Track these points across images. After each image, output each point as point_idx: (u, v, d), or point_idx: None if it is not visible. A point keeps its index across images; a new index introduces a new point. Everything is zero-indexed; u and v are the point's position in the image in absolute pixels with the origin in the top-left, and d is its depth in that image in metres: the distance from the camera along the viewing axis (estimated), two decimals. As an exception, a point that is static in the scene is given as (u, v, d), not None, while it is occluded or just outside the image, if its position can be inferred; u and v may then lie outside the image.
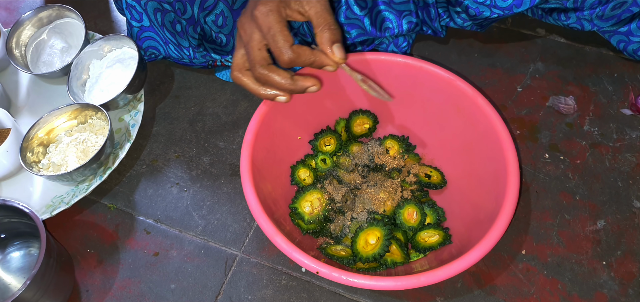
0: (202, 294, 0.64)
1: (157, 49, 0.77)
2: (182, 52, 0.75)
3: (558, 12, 0.76)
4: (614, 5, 0.70)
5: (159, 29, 0.74)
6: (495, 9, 0.70)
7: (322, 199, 0.66)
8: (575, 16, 0.74)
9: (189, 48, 0.74)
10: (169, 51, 0.76)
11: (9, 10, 1.01)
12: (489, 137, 0.62)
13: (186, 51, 0.74)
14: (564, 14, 0.76)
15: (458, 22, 0.75)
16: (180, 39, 0.73)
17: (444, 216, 0.66)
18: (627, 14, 0.71)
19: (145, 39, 0.76)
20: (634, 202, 0.68)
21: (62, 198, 0.70)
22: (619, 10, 0.71)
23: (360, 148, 0.72)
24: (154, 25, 0.74)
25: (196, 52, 0.74)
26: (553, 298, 0.62)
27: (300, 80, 0.59)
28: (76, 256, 0.68)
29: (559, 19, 0.77)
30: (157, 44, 0.76)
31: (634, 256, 0.64)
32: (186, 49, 0.74)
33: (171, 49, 0.75)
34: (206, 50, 0.74)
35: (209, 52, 0.75)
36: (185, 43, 0.73)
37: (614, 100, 0.78)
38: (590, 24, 0.75)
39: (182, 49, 0.74)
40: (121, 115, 0.78)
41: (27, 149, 0.72)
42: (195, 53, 0.74)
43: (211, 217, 0.70)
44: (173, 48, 0.75)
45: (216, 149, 0.77)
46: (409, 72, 0.68)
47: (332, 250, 0.63)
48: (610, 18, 0.73)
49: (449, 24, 0.76)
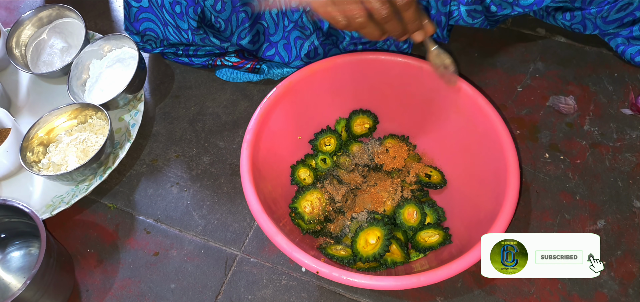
0: (202, 294, 0.64)
1: (154, 32, 0.76)
2: (180, 35, 0.74)
3: (563, 11, 0.76)
4: (620, 6, 0.71)
5: (158, 9, 0.73)
6: (517, 7, 0.71)
7: (322, 198, 0.66)
8: (580, 14, 0.74)
9: (188, 30, 0.73)
10: (167, 33, 0.75)
11: (9, 10, 1.01)
12: (489, 137, 0.62)
13: (185, 34, 0.74)
14: (569, 12, 0.76)
15: (468, 20, 0.75)
16: (179, 21, 0.72)
17: (444, 215, 0.66)
18: (629, 18, 0.72)
19: (143, 20, 0.75)
20: (634, 202, 0.68)
21: (62, 198, 0.70)
22: (623, 12, 0.71)
23: (360, 148, 0.72)
24: (153, 5, 0.73)
25: (195, 34, 0.73)
26: (553, 298, 0.62)
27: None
28: (76, 255, 0.68)
29: (564, 19, 0.77)
30: (155, 26, 0.76)
31: (634, 255, 0.64)
32: (185, 31, 0.73)
33: (169, 32, 0.75)
34: (205, 34, 0.74)
35: (209, 35, 0.74)
36: (185, 25, 0.72)
37: (614, 100, 0.78)
38: (592, 26, 0.75)
39: (181, 32, 0.74)
40: (121, 115, 0.78)
41: (27, 149, 0.72)
42: (194, 36, 0.73)
43: (211, 217, 0.70)
44: (172, 30, 0.74)
45: (216, 149, 0.77)
46: (409, 72, 0.68)
47: (332, 250, 0.63)
48: (613, 21, 0.73)
49: (458, 22, 0.77)
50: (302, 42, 0.75)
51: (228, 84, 0.84)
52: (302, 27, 0.74)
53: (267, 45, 0.76)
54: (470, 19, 0.74)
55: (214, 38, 0.74)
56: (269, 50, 0.77)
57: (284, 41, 0.76)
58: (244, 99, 0.82)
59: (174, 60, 0.83)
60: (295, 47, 0.75)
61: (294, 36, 0.75)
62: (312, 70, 0.68)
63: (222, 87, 0.84)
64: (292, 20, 0.74)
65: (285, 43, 0.76)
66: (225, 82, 0.84)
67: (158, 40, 0.79)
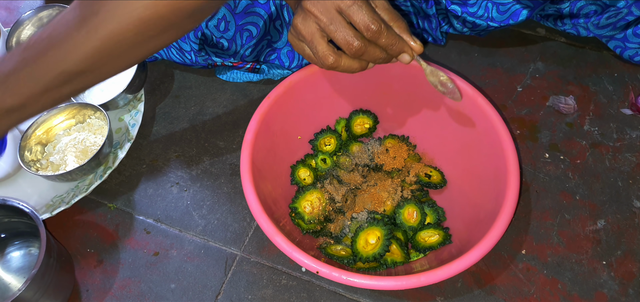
0: (202, 294, 0.64)
1: (158, 53, 0.77)
2: (183, 56, 0.75)
3: (554, 18, 0.77)
4: (609, 15, 0.71)
5: None
6: (492, 22, 0.71)
7: (322, 198, 0.66)
8: (570, 23, 0.75)
9: (191, 52, 0.74)
10: (171, 55, 0.76)
11: (9, 10, 1.01)
12: (489, 137, 0.62)
13: (188, 55, 0.74)
14: (559, 20, 0.76)
15: (457, 28, 0.75)
16: (181, 43, 0.73)
17: (444, 215, 0.66)
18: (622, 23, 0.72)
19: None
20: (634, 202, 0.68)
21: (62, 198, 0.70)
22: (614, 19, 0.72)
23: (360, 148, 0.72)
24: None
25: (198, 56, 0.74)
26: (553, 298, 0.62)
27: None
28: (76, 255, 0.68)
29: (556, 25, 0.77)
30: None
31: (634, 255, 0.64)
32: (188, 52, 0.74)
33: (173, 53, 0.75)
34: (208, 55, 0.74)
35: (211, 55, 0.75)
36: (187, 47, 0.73)
37: (614, 100, 0.78)
38: (586, 31, 0.75)
39: (184, 53, 0.74)
40: (121, 115, 0.78)
41: (25, 148, 0.72)
42: (197, 57, 0.74)
43: (211, 216, 0.70)
44: (175, 52, 0.75)
45: (216, 149, 0.77)
46: (409, 72, 0.68)
47: (332, 250, 0.63)
48: (606, 26, 0.73)
49: (448, 30, 0.77)
50: None
51: (228, 84, 0.84)
52: None
53: (269, 51, 0.76)
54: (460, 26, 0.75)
55: (216, 57, 0.75)
56: (270, 55, 0.77)
57: (288, 48, 0.76)
58: (244, 99, 0.82)
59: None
60: (297, 54, 0.76)
61: None
62: (312, 70, 0.68)
63: (222, 87, 0.84)
64: None
65: (289, 50, 0.76)
66: (225, 82, 0.84)
67: (160, 59, 0.79)
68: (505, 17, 0.70)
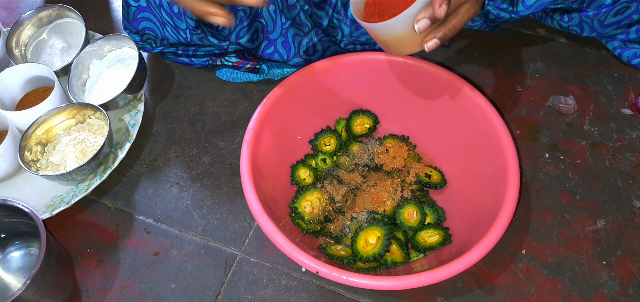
0: (202, 294, 0.64)
1: (153, 31, 0.76)
2: (178, 34, 0.74)
3: (561, 13, 0.76)
4: (617, 10, 0.71)
5: (156, 9, 0.73)
6: (515, 14, 0.71)
7: (322, 198, 0.66)
8: (578, 17, 0.74)
9: (186, 30, 0.73)
10: (166, 33, 0.75)
11: (9, 9, 1.01)
12: (489, 137, 0.62)
13: (183, 33, 0.74)
14: (567, 14, 0.76)
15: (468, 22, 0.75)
16: (177, 20, 0.73)
17: (444, 215, 0.66)
18: (626, 21, 0.72)
19: (142, 19, 0.76)
20: (634, 202, 0.68)
21: (62, 198, 0.70)
22: (620, 16, 0.72)
23: (360, 148, 0.72)
24: (151, 5, 0.73)
25: (193, 34, 0.73)
26: (553, 298, 0.62)
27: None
28: (76, 255, 0.68)
29: (561, 21, 0.77)
30: (153, 25, 0.76)
31: (634, 255, 0.64)
32: (183, 31, 0.73)
33: (168, 31, 0.75)
34: (204, 33, 0.74)
35: (207, 34, 0.74)
36: (183, 25, 0.73)
37: (614, 100, 0.78)
38: (589, 28, 0.75)
39: (179, 31, 0.74)
40: (121, 115, 0.78)
41: (25, 148, 0.72)
42: (192, 35, 0.74)
43: (211, 217, 0.70)
44: (170, 30, 0.74)
45: (216, 149, 0.77)
46: (409, 72, 0.68)
47: (332, 250, 0.63)
48: (611, 24, 0.73)
49: None
50: (300, 39, 0.75)
51: (228, 84, 0.84)
52: (300, 25, 0.74)
53: (266, 43, 0.76)
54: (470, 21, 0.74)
55: (212, 37, 0.75)
56: (268, 49, 0.77)
57: (283, 39, 0.76)
58: (244, 99, 0.82)
59: (174, 60, 0.83)
60: (293, 45, 0.76)
61: (291, 34, 0.75)
62: (312, 70, 0.68)
63: (222, 87, 0.84)
64: (289, 18, 0.74)
65: (284, 41, 0.76)
66: (225, 82, 0.84)
67: (158, 40, 0.79)
68: (529, 3, 0.71)
